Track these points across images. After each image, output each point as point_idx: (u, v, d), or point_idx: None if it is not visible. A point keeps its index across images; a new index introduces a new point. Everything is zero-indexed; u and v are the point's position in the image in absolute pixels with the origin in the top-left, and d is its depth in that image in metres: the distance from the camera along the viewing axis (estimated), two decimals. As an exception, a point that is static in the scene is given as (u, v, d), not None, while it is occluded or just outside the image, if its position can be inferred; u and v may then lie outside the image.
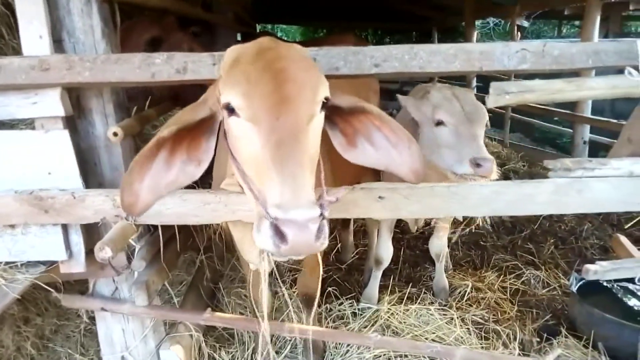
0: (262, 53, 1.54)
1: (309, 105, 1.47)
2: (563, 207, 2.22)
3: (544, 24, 15.05)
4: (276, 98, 1.43)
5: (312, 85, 1.49)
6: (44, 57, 1.94)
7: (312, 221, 1.27)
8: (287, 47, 1.62)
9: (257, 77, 1.46)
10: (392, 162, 1.80)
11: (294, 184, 1.32)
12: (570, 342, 2.95)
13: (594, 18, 5.66)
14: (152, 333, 2.40)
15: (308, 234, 1.26)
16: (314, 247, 1.29)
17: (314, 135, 1.50)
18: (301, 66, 1.52)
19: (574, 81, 2.15)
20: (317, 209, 1.29)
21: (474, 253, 4.46)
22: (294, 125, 1.41)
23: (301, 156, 1.38)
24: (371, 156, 1.80)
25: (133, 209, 1.63)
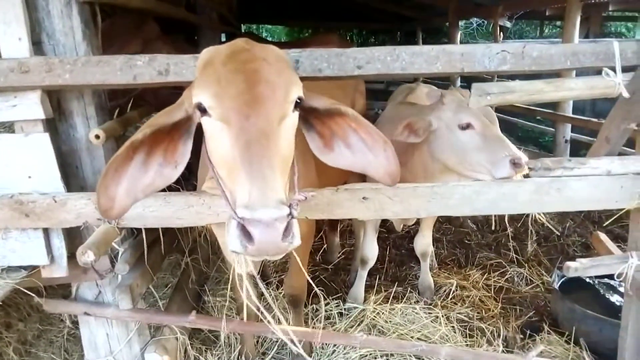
0: (235, 54, 1.55)
1: (280, 105, 1.47)
2: (544, 206, 2.26)
3: (526, 24, 15.22)
4: (246, 98, 1.43)
5: (283, 86, 1.49)
6: (23, 60, 1.91)
7: (278, 220, 1.26)
8: (262, 48, 1.62)
9: (228, 77, 1.47)
10: (368, 164, 1.79)
11: (263, 183, 1.32)
12: (553, 338, 3.00)
13: (574, 19, 5.74)
14: (136, 337, 2.38)
15: (274, 233, 1.25)
16: (281, 247, 1.28)
17: (286, 135, 1.51)
18: (273, 67, 1.52)
19: (554, 82, 2.19)
20: (285, 209, 1.28)
21: (458, 251, 4.51)
22: (264, 125, 1.42)
23: (271, 156, 1.38)
24: (348, 159, 1.80)
25: (110, 212, 1.62)
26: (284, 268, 4.20)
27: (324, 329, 3.24)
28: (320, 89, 3.03)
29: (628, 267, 2.25)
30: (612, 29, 13.78)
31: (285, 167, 1.47)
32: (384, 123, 3.41)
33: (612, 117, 2.27)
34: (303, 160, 2.57)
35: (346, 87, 3.47)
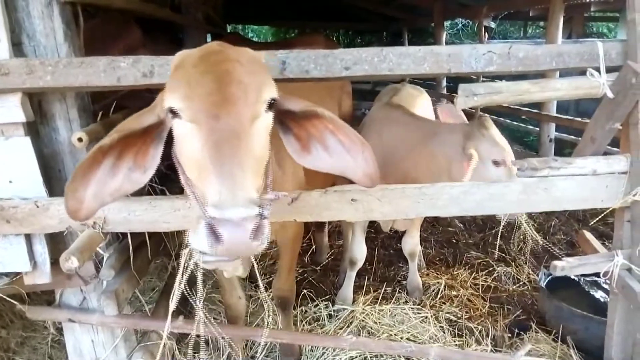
0: (207, 56, 1.54)
1: (251, 105, 1.47)
2: (531, 205, 2.27)
3: (510, 24, 15.38)
4: (216, 99, 1.43)
5: (255, 86, 1.49)
6: (3, 62, 1.86)
7: (248, 220, 1.25)
8: (235, 50, 1.60)
9: (198, 79, 1.47)
10: (346, 167, 1.76)
11: (232, 183, 1.31)
12: (540, 337, 3.03)
13: (557, 19, 5.82)
14: (123, 343, 2.34)
15: (243, 233, 1.24)
16: (250, 248, 1.27)
17: (259, 136, 1.50)
18: (245, 67, 1.51)
19: (539, 82, 2.20)
20: (255, 208, 1.27)
21: (446, 251, 4.53)
22: (234, 125, 1.41)
23: (242, 155, 1.37)
24: (326, 161, 1.76)
25: (77, 215, 1.61)
26: (272, 270, 4.17)
27: (313, 331, 3.24)
28: (306, 90, 3.04)
29: (613, 266, 2.27)
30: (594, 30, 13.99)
31: (258, 167, 1.46)
32: (369, 124, 3.41)
33: (596, 117, 2.30)
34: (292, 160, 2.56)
35: (332, 88, 3.46)
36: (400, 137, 2.99)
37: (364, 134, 3.35)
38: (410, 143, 2.87)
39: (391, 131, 3.07)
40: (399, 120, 3.12)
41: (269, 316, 3.31)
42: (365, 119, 3.60)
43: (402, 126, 3.05)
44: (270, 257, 4.37)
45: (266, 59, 2.01)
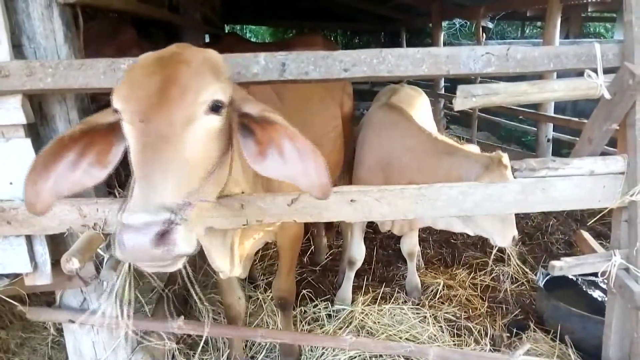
0: (158, 59, 1.53)
1: (185, 108, 1.43)
2: (529, 205, 2.28)
3: (507, 25, 15.43)
4: (151, 101, 1.42)
5: (193, 88, 1.45)
6: (3, 63, 1.87)
7: (151, 226, 1.21)
8: (190, 52, 1.57)
9: (139, 81, 1.47)
10: (297, 175, 1.66)
11: (147, 188, 1.29)
12: (539, 336, 3.04)
13: (555, 20, 5.84)
14: (123, 344, 2.35)
15: (141, 239, 1.20)
16: (154, 255, 1.23)
17: (195, 139, 1.44)
18: (191, 69, 1.49)
19: (537, 84, 2.21)
20: (162, 214, 1.23)
21: (444, 251, 4.54)
22: (164, 128, 1.39)
23: (166, 159, 1.35)
24: (279, 168, 1.68)
25: (34, 208, 1.61)
26: (271, 271, 4.18)
27: (312, 331, 3.25)
28: (308, 91, 3.06)
29: (611, 265, 2.29)
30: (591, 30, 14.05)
31: (191, 172, 1.41)
32: (368, 124, 3.42)
33: (594, 118, 2.31)
34: None
35: (334, 89, 3.47)
36: (405, 146, 2.98)
37: (362, 134, 3.38)
38: (419, 155, 2.87)
39: (393, 137, 3.07)
40: (402, 126, 3.11)
41: (268, 316, 3.35)
42: (364, 119, 3.61)
43: (409, 135, 3.03)
44: (269, 258, 4.38)
45: (266, 60, 2.03)
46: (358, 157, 3.33)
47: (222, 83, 1.54)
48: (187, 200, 1.32)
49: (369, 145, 3.22)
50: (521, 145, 8.81)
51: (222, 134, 1.55)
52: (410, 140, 2.97)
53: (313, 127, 3.02)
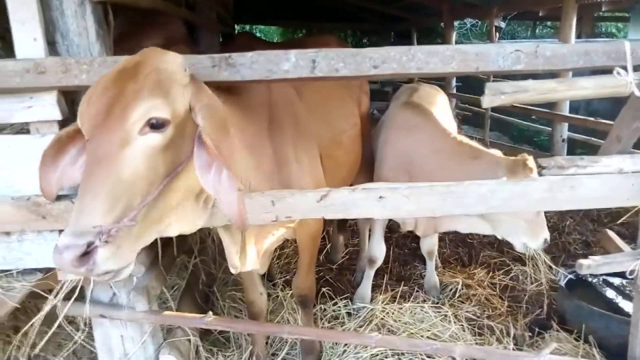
0: (122, 70, 1.55)
1: (119, 129, 1.45)
2: (556, 203, 2.27)
3: (518, 24, 15.38)
4: (96, 121, 1.47)
5: (128, 108, 1.46)
6: (39, 60, 1.89)
7: (69, 249, 1.34)
8: (146, 63, 1.57)
9: (94, 96, 1.52)
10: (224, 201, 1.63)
11: (78, 210, 1.40)
12: (562, 336, 3.03)
13: (571, 19, 5.82)
14: (150, 338, 2.36)
15: (62, 260, 1.35)
16: (78, 272, 1.38)
17: (131, 160, 1.46)
18: (132, 86, 1.49)
19: (566, 81, 2.21)
20: (82, 238, 1.35)
21: (461, 250, 4.53)
22: (100, 149, 1.44)
23: (99, 183, 1.40)
24: (215, 188, 1.63)
25: (48, 194, 1.76)
26: (288, 269, 4.20)
27: (332, 329, 3.26)
28: (326, 89, 3.07)
29: (639, 264, 2.28)
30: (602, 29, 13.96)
31: (127, 193, 1.44)
32: (390, 123, 3.40)
33: (623, 116, 2.31)
34: (308, 157, 2.59)
35: (352, 88, 3.48)
36: (430, 148, 2.99)
37: (384, 134, 3.36)
38: (443, 158, 2.88)
39: (418, 138, 3.07)
40: (427, 128, 3.11)
41: (289, 314, 3.36)
42: (384, 117, 3.60)
43: (434, 138, 3.04)
44: (286, 256, 4.39)
45: (296, 57, 2.03)
46: (380, 156, 3.32)
47: (165, 97, 1.52)
48: (114, 222, 1.40)
49: (392, 144, 3.21)
50: (533, 145, 8.77)
51: (171, 147, 1.55)
52: (436, 143, 2.96)
53: (333, 125, 3.03)
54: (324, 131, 2.83)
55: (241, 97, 2.25)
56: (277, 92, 2.50)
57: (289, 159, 2.41)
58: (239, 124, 2.09)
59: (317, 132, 2.72)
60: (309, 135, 2.62)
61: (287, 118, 2.49)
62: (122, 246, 1.43)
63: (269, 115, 2.39)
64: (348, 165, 3.18)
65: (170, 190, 1.59)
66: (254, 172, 2.14)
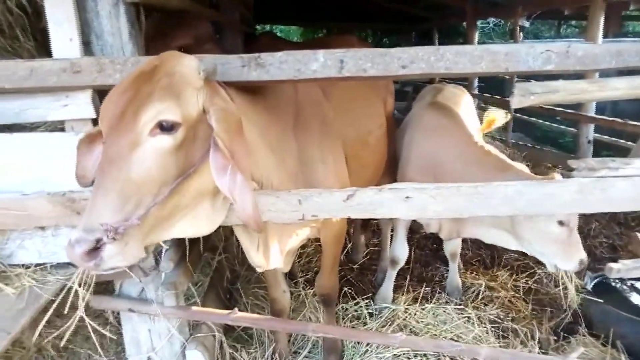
0: (140, 73, 1.59)
1: (130, 131, 1.50)
2: (587, 205, 2.24)
3: (542, 24, 15.12)
4: (111, 122, 1.53)
5: (139, 110, 1.50)
6: (75, 60, 1.94)
7: (79, 244, 1.41)
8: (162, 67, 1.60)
9: (113, 98, 1.58)
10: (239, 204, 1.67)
11: (90, 207, 1.47)
12: (588, 340, 2.98)
13: (598, 18, 5.70)
14: (177, 333, 2.40)
15: (73, 253, 1.42)
16: (86, 266, 1.46)
17: (141, 162, 1.50)
18: (146, 89, 1.53)
19: (598, 82, 2.18)
20: (92, 235, 1.41)
21: (483, 252, 4.48)
22: (112, 150, 1.50)
23: (110, 182, 1.47)
24: (231, 190, 1.66)
25: (82, 181, 1.82)
26: (309, 268, 4.21)
27: (355, 328, 3.26)
28: (353, 88, 3.07)
29: (672, 269, 2.23)
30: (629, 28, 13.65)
31: (142, 193, 1.50)
32: (417, 123, 3.36)
33: (656, 117, 2.26)
34: (333, 157, 2.59)
35: (378, 87, 3.48)
36: (457, 154, 2.94)
37: (410, 134, 3.33)
38: (470, 167, 2.82)
39: (446, 143, 3.03)
40: (455, 133, 3.07)
41: (311, 312, 3.38)
42: (409, 118, 3.59)
43: (461, 144, 2.99)
44: (306, 255, 4.41)
45: (324, 57, 2.04)
46: (406, 156, 3.29)
47: (177, 100, 1.55)
48: (122, 220, 1.45)
49: (418, 145, 3.18)
50: (557, 146, 8.62)
51: (183, 149, 1.59)
52: (463, 150, 2.91)
53: (359, 125, 3.03)
54: (350, 131, 2.84)
55: (267, 97, 2.27)
56: (303, 92, 2.52)
57: (314, 159, 2.42)
58: (262, 124, 2.11)
59: (343, 132, 2.73)
60: (335, 135, 2.63)
61: (313, 118, 2.50)
62: (130, 244, 1.48)
63: (295, 115, 2.40)
64: (373, 166, 3.18)
65: (181, 190, 1.62)
66: (277, 172, 2.15)
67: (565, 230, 2.61)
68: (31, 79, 1.93)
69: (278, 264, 2.40)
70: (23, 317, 1.87)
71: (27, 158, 2.02)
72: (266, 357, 2.95)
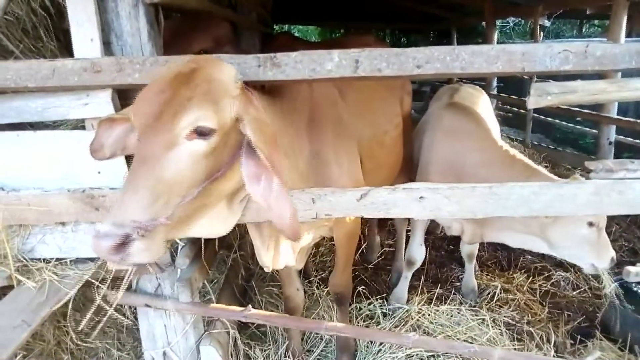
0: (177, 74, 1.62)
1: (167, 133, 1.53)
2: (603, 208, 2.20)
3: (564, 23, 14.88)
4: (146, 120, 1.55)
5: (178, 114, 1.53)
6: (96, 60, 1.99)
7: (108, 237, 1.43)
8: (200, 71, 1.63)
9: (149, 96, 1.60)
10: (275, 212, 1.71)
11: (120, 202, 1.49)
12: (605, 345, 2.94)
13: (620, 18, 5.60)
14: (192, 329, 2.44)
15: (99, 245, 1.43)
16: (111, 259, 1.48)
17: (174, 163, 1.53)
18: (185, 92, 1.56)
19: (617, 82, 2.15)
20: (121, 230, 1.43)
21: (500, 254, 4.44)
22: (146, 149, 1.53)
23: (142, 180, 1.49)
24: (266, 199, 1.70)
25: (95, 154, 1.88)
26: (323, 267, 4.23)
27: (368, 327, 3.27)
28: (369, 88, 3.07)
29: (692, 273, 2.19)
30: (654, 28, 13.32)
31: (171, 193, 1.53)
32: (435, 123, 3.32)
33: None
34: (348, 159, 2.60)
35: (394, 87, 3.47)
36: (480, 158, 2.91)
37: (430, 135, 3.28)
38: (494, 172, 2.78)
39: (469, 146, 2.99)
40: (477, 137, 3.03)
41: (324, 311, 3.39)
42: (427, 118, 3.56)
43: (485, 148, 2.95)
44: (321, 255, 4.43)
45: (339, 57, 2.05)
46: (426, 159, 3.25)
47: (214, 107, 1.59)
48: (153, 219, 1.48)
49: (439, 148, 3.14)
50: (577, 148, 8.48)
51: (214, 154, 1.63)
52: (488, 155, 2.87)
53: (375, 125, 3.03)
54: (366, 131, 2.84)
55: (283, 97, 2.29)
56: (319, 93, 2.53)
57: (329, 160, 2.43)
58: (277, 127, 2.13)
59: (359, 132, 2.73)
60: (350, 136, 2.63)
61: (328, 119, 2.51)
62: (155, 241, 1.52)
63: (310, 115, 2.41)
64: (389, 166, 3.17)
65: (206, 193, 1.67)
66: (289, 173, 2.17)
67: (595, 231, 2.60)
68: (53, 78, 1.98)
69: (290, 262, 2.42)
70: (43, 310, 1.92)
71: (48, 155, 2.07)
72: (279, 355, 2.98)
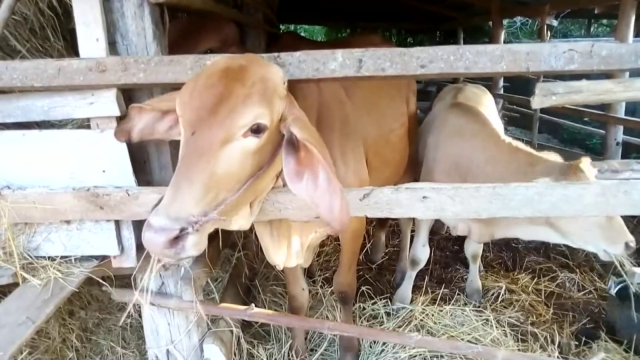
0: (225, 69, 1.63)
1: (225, 129, 1.54)
2: (609, 208, 2.19)
3: (572, 23, 14.79)
4: (200, 114, 1.55)
5: (237, 111, 1.55)
6: (101, 59, 2.00)
7: (165, 231, 1.41)
8: (251, 69, 1.65)
9: (199, 90, 1.59)
10: (323, 206, 1.72)
11: (174, 195, 1.47)
12: (610, 346, 2.92)
13: (628, 17, 5.54)
14: (195, 327, 2.45)
15: (155, 239, 1.42)
16: (164, 252, 1.45)
17: (230, 158, 1.55)
18: (240, 90, 1.57)
19: (623, 82, 2.13)
20: (177, 224, 1.42)
21: (505, 255, 4.43)
22: (202, 143, 1.52)
23: (197, 174, 1.49)
24: (310, 194, 1.72)
25: (119, 135, 1.95)
26: (328, 267, 4.23)
27: (372, 327, 3.26)
28: (375, 87, 3.07)
29: (698, 275, 2.17)
30: (663, 28, 13.21)
31: (219, 187, 1.54)
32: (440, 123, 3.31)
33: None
34: (354, 159, 2.60)
35: (400, 86, 3.48)
36: (486, 156, 2.88)
37: (435, 135, 3.28)
38: (500, 167, 2.76)
39: (474, 145, 2.97)
40: (482, 136, 3.01)
41: (328, 311, 3.40)
42: (431, 118, 3.56)
43: (489, 146, 2.92)
44: (325, 254, 4.43)
45: (343, 57, 2.05)
46: (431, 158, 3.24)
47: (269, 106, 1.62)
48: (204, 213, 1.48)
49: (444, 148, 3.13)
50: (584, 148, 8.43)
51: (260, 152, 1.66)
52: (492, 152, 2.85)
53: (381, 124, 3.03)
54: (372, 130, 2.85)
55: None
56: (327, 93, 2.54)
57: (335, 159, 2.43)
58: None
59: (365, 130, 2.74)
60: (356, 134, 2.64)
61: (335, 118, 2.51)
62: (204, 235, 1.53)
63: (317, 115, 2.42)
64: (394, 164, 3.18)
65: (250, 189, 1.70)
66: None
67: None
68: (59, 77, 2.00)
69: (298, 260, 2.43)
70: (48, 307, 1.94)
71: (54, 154, 2.09)
72: (283, 354, 2.98)
